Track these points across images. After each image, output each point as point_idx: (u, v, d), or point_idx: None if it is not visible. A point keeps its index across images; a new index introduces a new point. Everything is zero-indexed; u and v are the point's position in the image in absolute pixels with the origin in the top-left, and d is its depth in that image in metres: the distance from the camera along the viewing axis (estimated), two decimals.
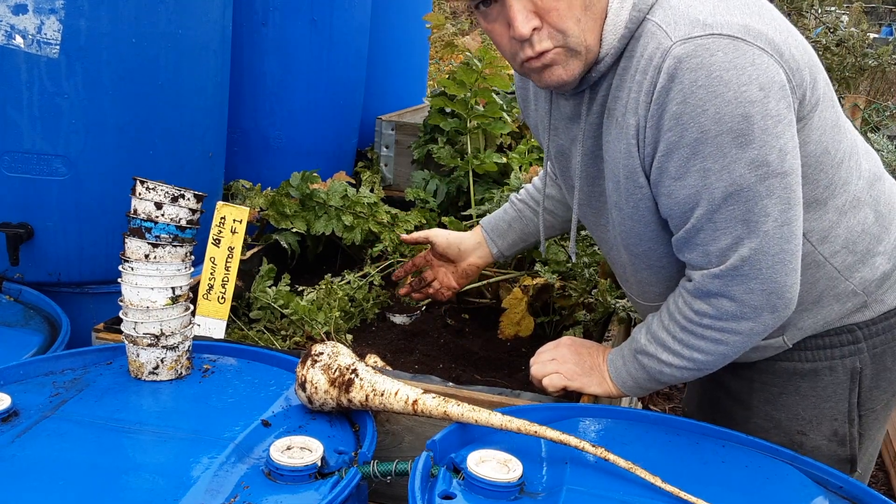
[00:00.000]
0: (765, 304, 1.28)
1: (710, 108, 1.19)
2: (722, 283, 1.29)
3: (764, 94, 1.19)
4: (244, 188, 2.54)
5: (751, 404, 1.55)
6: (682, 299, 1.36)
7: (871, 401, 1.48)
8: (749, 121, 1.19)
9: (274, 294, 1.97)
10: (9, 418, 1.21)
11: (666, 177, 1.27)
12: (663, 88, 1.21)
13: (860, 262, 1.41)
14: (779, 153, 1.21)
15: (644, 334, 1.42)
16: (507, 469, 1.10)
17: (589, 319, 1.97)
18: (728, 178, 1.22)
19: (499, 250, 1.87)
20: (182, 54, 2.11)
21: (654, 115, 1.23)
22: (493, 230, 1.87)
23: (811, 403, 1.48)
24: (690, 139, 1.21)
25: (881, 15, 16.56)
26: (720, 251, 1.27)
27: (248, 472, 1.13)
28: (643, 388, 1.45)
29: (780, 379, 1.50)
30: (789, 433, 1.51)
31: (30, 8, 1.88)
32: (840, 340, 1.45)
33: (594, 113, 1.38)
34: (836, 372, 1.46)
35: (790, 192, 1.24)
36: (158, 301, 1.36)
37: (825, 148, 1.34)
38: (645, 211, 1.35)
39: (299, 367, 1.29)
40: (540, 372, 1.49)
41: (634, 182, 1.33)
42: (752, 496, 1.16)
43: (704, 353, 1.35)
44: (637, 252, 1.43)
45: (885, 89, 9.08)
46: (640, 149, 1.29)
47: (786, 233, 1.25)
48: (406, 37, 3.71)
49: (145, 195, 1.33)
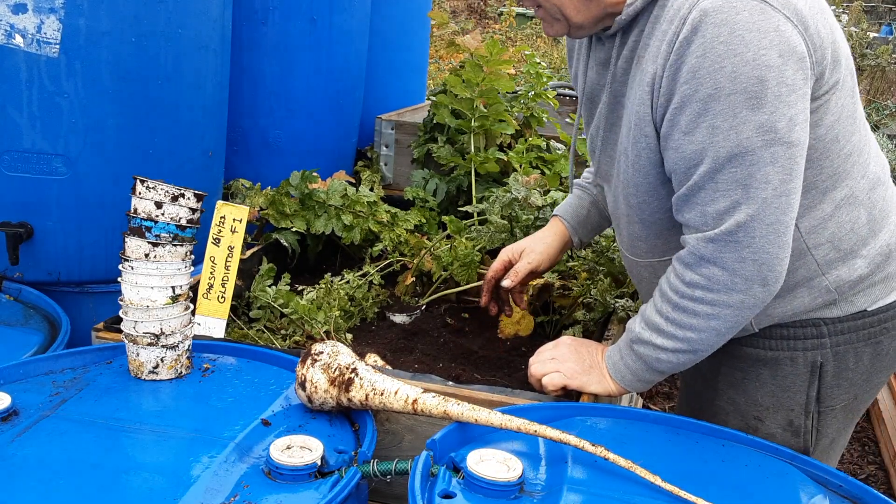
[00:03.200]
0: (755, 275, 1.29)
1: (727, 66, 1.20)
2: (715, 247, 1.30)
3: (782, 62, 1.21)
4: (244, 187, 2.54)
5: (717, 387, 1.57)
6: (674, 273, 1.37)
7: (830, 398, 1.49)
8: (764, 84, 1.20)
9: (274, 293, 1.97)
10: (9, 417, 1.21)
11: (676, 130, 1.29)
12: (685, 39, 1.23)
13: (841, 260, 1.42)
14: (788, 122, 1.23)
15: (638, 322, 1.43)
16: (507, 468, 1.10)
17: (588, 319, 1.97)
18: (735, 139, 1.23)
19: (579, 239, 1.82)
20: (181, 53, 2.11)
21: (673, 66, 1.26)
22: (574, 218, 1.80)
23: (770, 391, 1.51)
24: (704, 94, 1.23)
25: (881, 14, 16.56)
26: (717, 213, 1.29)
27: (248, 472, 1.13)
28: (642, 380, 1.45)
29: (744, 364, 1.52)
30: (746, 418, 1.53)
31: (29, 7, 1.88)
32: (804, 333, 1.46)
33: (623, 58, 1.41)
34: (796, 363, 1.48)
35: (793, 163, 1.25)
36: (158, 300, 1.36)
37: (836, 136, 1.35)
38: (646, 161, 1.37)
39: (299, 367, 1.29)
40: (539, 371, 1.50)
41: (641, 130, 1.35)
42: (752, 495, 1.16)
43: (697, 330, 1.35)
44: (633, 203, 1.45)
45: (885, 88, 9.08)
46: (654, 98, 1.31)
47: (783, 204, 1.26)
48: (406, 36, 3.71)
49: (145, 194, 1.33)
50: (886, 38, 11.38)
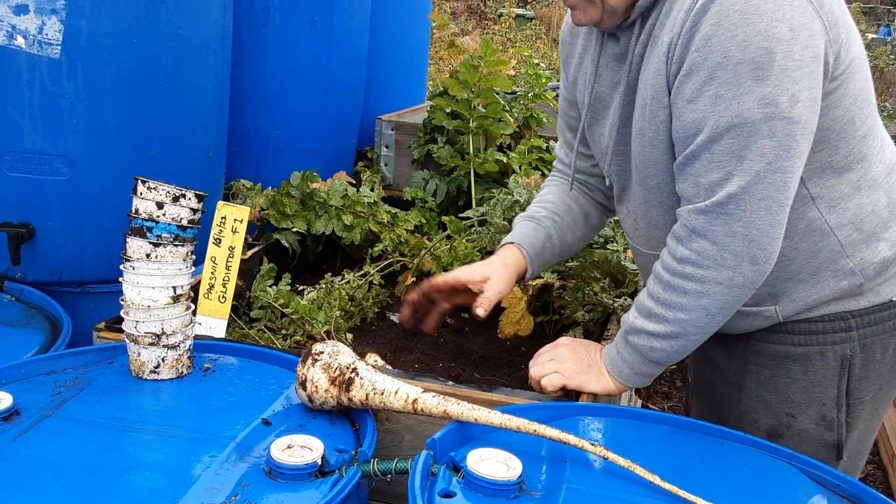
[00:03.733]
0: (745, 251, 1.29)
1: (739, 35, 1.21)
2: (706, 219, 1.30)
3: (792, 36, 1.21)
4: (245, 188, 2.54)
5: (743, 386, 1.57)
6: (667, 251, 1.38)
7: (859, 390, 1.50)
8: (771, 56, 1.21)
9: (274, 293, 1.97)
10: (10, 417, 1.22)
11: (680, 98, 1.30)
12: (702, 7, 1.24)
13: (864, 241, 1.43)
14: (790, 97, 1.23)
15: (632, 311, 1.45)
16: (507, 467, 1.10)
17: (588, 319, 1.97)
18: (736, 109, 1.24)
19: (532, 271, 1.71)
20: (182, 54, 2.11)
21: (687, 33, 1.26)
22: (531, 248, 1.69)
23: (801, 387, 1.51)
24: (712, 63, 1.24)
25: (879, 15, 16.55)
26: (710, 184, 1.29)
27: (249, 471, 1.14)
28: (639, 373, 1.45)
29: (772, 362, 1.53)
30: (778, 415, 1.53)
31: (31, 8, 1.88)
32: (833, 327, 1.47)
33: (641, 43, 1.41)
34: (826, 358, 1.48)
35: (792, 139, 1.25)
36: (159, 300, 1.36)
37: (851, 118, 1.36)
38: (665, 135, 1.36)
39: (300, 366, 1.30)
40: (539, 372, 1.50)
41: (659, 102, 1.35)
42: (751, 494, 1.16)
43: (686, 310, 1.35)
44: (651, 186, 1.44)
45: (884, 89, 9.09)
46: (668, 65, 1.31)
47: (777, 181, 1.26)
48: (406, 37, 3.72)
49: (146, 195, 1.33)
50: (885, 39, 11.39)
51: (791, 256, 1.38)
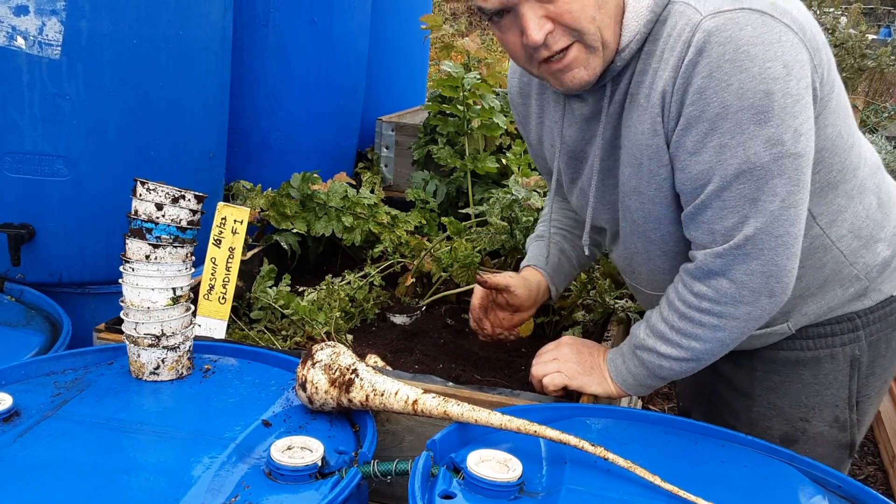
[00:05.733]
0: (763, 287, 1.29)
1: (734, 83, 1.20)
2: (724, 262, 1.29)
3: (787, 72, 1.20)
4: (245, 189, 2.54)
5: (752, 393, 1.57)
6: (682, 283, 1.36)
7: (867, 387, 1.52)
8: (770, 98, 1.20)
9: (274, 294, 1.97)
10: (10, 418, 1.22)
11: (682, 151, 1.28)
12: (690, 62, 1.22)
13: (864, 247, 1.44)
14: (794, 133, 1.22)
15: (643, 329, 1.43)
16: (507, 469, 1.10)
17: (588, 320, 1.97)
18: (743, 155, 1.23)
19: (556, 288, 1.73)
20: (183, 55, 2.11)
21: (680, 89, 1.24)
22: (549, 266, 1.71)
23: (813, 391, 1.51)
24: (711, 114, 1.22)
25: (880, 16, 16.57)
26: (726, 230, 1.28)
27: (249, 472, 1.13)
28: (643, 385, 1.45)
29: (782, 367, 1.52)
30: (791, 420, 1.53)
31: (31, 9, 1.88)
32: (840, 329, 1.48)
33: (616, 103, 1.37)
34: (836, 360, 1.49)
35: (800, 174, 1.25)
36: (159, 301, 1.36)
37: (839, 132, 1.36)
38: (668, 191, 1.34)
39: (300, 368, 1.30)
40: (541, 372, 1.50)
41: (658, 161, 1.32)
42: (751, 495, 1.16)
43: (702, 341, 1.35)
44: (654, 238, 1.42)
45: (884, 90, 9.09)
46: (665, 124, 1.29)
47: (791, 215, 1.26)
48: (406, 38, 3.72)
49: (146, 196, 1.33)
50: (885, 39, 11.39)
51: (799, 275, 1.36)
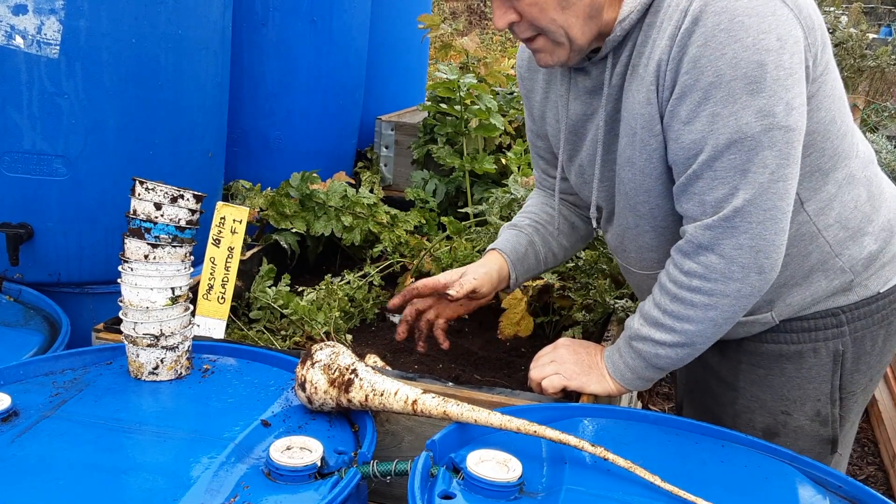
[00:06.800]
0: (752, 262, 1.30)
1: (728, 52, 1.22)
2: (713, 234, 1.30)
3: (780, 45, 1.22)
4: (244, 188, 2.54)
5: (737, 385, 1.58)
6: (673, 264, 1.38)
7: (851, 384, 1.52)
8: (763, 68, 1.22)
9: (274, 294, 1.97)
10: (9, 418, 1.21)
11: (676, 121, 1.29)
12: (686, 31, 1.24)
13: (850, 238, 1.45)
14: (786, 106, 1.24)
15: (637, 319, 1.44)
16: (507, 469, 1.10)
17: (588, 320, 1.97)
18: (734, 125, 1.24)
19: (516, 276, 1.70)
20: (182, 55, 2.11)
21: (675, 58, 1.26)
22: (513, 253, 1.69)
23: (796, 385, 1.52)
24: (705, 83, 1.24)
25: (880, 15, 16.58)
26: (716, 201, 1.29)
27: (248, 472, 1.13)
28: (641, 377, 1.45)
29: (766, 361, 1.53)
30: (773, 413, 1.54)
31: (30, 8, 1.88)
32: (824, 323, 1.48)
33: (617, 75, 1.40)
34: (819, 354, 1.50)
35: (790, 147, 1.26)
36: (158, 301, 1.36)
37: (833, 117, 1.37)
38: (658, 162, 1.36)
39: (299, 368, 1.29)
40: (539, 374, 1.50)
41: (651, 131, 1.34)
42: (751, 496, 1.16)
43: (695, 322, 1.36)
44: (643, 212, 1.44)
45: (885, 89, 9.09)
46: (659, 93, 1.31)
47: (780, 189, 1.27)
48: (405, 37, 3.72)
49: (144, 196, 1.33)
50: (886, 39, 11.40)
51: (784, 262, 1.38)
